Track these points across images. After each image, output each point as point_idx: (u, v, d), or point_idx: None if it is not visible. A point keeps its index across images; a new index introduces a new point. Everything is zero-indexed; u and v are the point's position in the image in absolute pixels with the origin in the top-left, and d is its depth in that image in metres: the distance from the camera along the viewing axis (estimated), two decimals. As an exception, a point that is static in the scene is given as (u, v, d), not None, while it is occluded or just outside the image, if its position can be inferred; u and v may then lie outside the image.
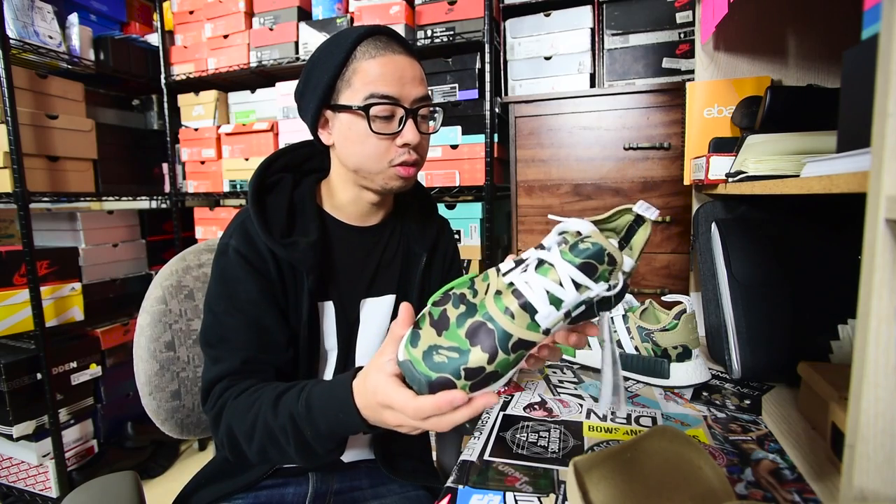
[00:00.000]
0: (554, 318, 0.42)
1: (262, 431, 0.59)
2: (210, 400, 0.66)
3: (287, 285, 0.70)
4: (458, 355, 0.42)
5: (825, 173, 0.47)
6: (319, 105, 0.69)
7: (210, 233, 1.99)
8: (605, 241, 0.42)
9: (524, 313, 0.42)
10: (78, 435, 1.71)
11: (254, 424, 0.60)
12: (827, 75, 0.92)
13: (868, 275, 0.32)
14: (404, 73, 0.67)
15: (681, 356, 0.75)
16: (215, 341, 0.68)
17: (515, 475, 0.52)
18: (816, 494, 0.48)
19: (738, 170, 0.69)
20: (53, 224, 1.82)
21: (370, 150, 0.68)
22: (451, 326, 0.44)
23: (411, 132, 0.67)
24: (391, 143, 0.68)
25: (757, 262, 0.78)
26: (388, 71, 0.66)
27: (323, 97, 0.68)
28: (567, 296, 0.42)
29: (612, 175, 1.38)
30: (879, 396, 0.32)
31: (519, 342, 0.42)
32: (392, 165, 0.68)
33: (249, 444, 0.61)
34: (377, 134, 0.66)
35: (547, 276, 0.42)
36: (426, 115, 0.72)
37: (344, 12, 1.74)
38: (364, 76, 0.66)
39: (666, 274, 1.35)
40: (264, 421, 0.59)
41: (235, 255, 0.68)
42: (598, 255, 0.41)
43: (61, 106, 1.72)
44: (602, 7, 1.48)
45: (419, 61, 0.71)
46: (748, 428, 0.61)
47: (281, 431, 0.58)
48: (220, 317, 0.68)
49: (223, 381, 0.66)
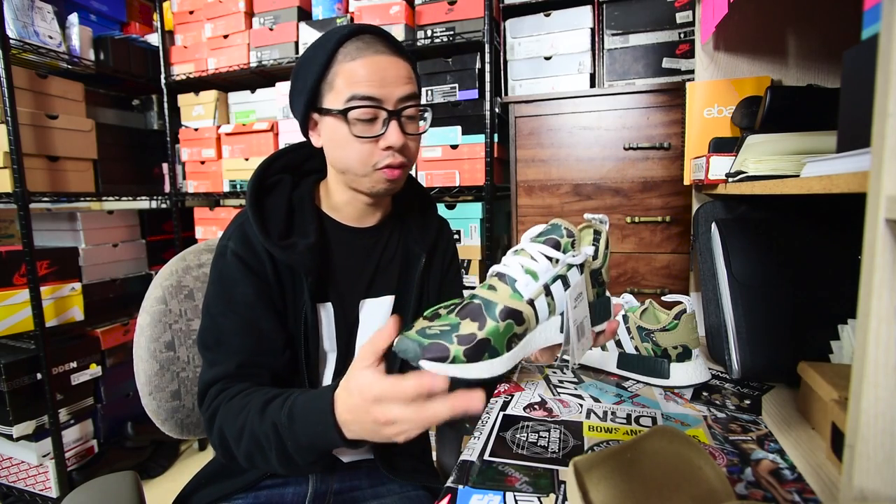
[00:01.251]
0: (533, 287, 0.48)
1: (249, 437, 0.58)
2: (205, 402, 0.66)
3: (285, 287, 0.70)
4: (450, 327, 0.44)
5: (825, 173, 0.47)
6: (306, 108, 0.69)
7: (210, 233, 1.99)
8: (560, 220, 0.52)
9: (504, 285, 0.48)
10: (78, 435, 1.71)
11: (242, 429, 0.59)
12: (827, 75, 0.92)
13: (868, 275, 0.32)
14: (387, 73, 0.65)
15: (681, 356, 0.75)
16: (212, 344, 0.68)
17: (515, 475, 0.52)
18: (816, 494, 0.48)
19: (738, 170, 0.69)
20: (53, 224, 1.82)
21: (354, 154, 0.67)
22: (443, 315, 0.48)
23: (395, 134, 0.66)
24: (374, 146, 0.66)
25: (757, 262, 0.78)
26: (370, 72, 0.64)
27: (309, 100, 0.68)
28: (540, 267, 0.49)
29: (612, 175, 1.38)
30: (879, 396, 0.32)
31: (505, 310, 0.46)
32: (377, 169, 0.67)
33: (238, 448, 0.61)
34: (359, 138, 0.65)
35: (520, 255, 0.50)
36: (413, 116, 0.70)
37: (344, 12, 1.74)
38: (346, 78, 0.65)
39: (666, 274, 1.35)
40: (251, 427, 0.58)
41: (233, 258, 0.68)
42: (556, 230, 0.51)
43: (61, 106, 1.72)
44: (602, 7, 1.48)
45: (407, 59, 0.69)
46: (748, 428, 0.61)
47: (265, 439, 0.57)
48: (216, 319, 0.68)
49: (218, 384, 0.66)
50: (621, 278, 1.39)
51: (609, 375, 0.80)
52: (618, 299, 0.82)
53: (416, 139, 0.71)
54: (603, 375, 0.80)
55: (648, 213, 1.36)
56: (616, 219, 1.39)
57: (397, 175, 0.69)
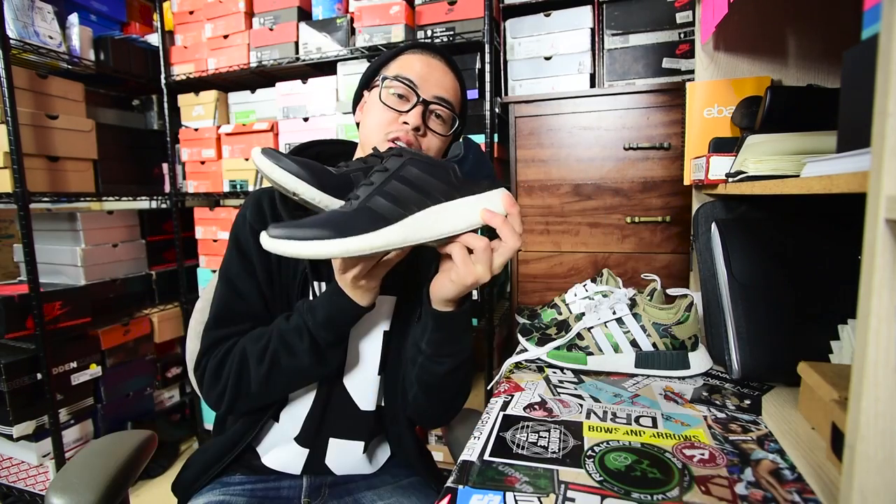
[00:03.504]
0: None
1: (277, 339, 0.67)
2: (213, 352, 0.72)
3: (282, 264, 0.75)
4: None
5: (825, 173, 0.47)
6: (361, 89, 0.80)
7: (210, 233, 1.99)
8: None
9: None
10: (78, 435, 1.71)
11: (269, 339, 0.68)
12: (827, 75, 0.92)
13: (868, 275, 0.32)
14: (434, 73, 0.74)
15: (693, 346, 0.79)
16: (227, 303, 0.74)
17: (515, 475, 0.52)
18: (816, 494, 0.48)
19: (738, 170, 0.69)
20: (53, 224, 1.82)
21: (375, 118, 0.73)
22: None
23: (415, 115, 0.72)
24: (394, 117, 0.72)
25: (757, 262, 0.78)
26: (422, 66, 0.74)
27: (365, 83, 0.79)
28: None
29: (612, 175, 1.38)
30: (879, 396, 0.32)
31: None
32: (387, 139, 0.72)
33: (260, 363, 0.67)
34: (384, 105, 0.72)
35: None
36: (442, 116, 0.76)
37: (344, 12, 1.74)
38: (400, 65, 0.75)
39: (666, 274, 1.35)
40: (278, 329, 0.68)
41: (248, 227, 0.74)
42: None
43: (61, 106, 1.72)
44: (602, 7, 1.48)
45: (460, 79, 0.78)
46: (748, 428, 0.61)
47: (294, 332, 0.66)
48: (234, 282, 0.73)
49: (232, 339, 0.72)
50: (622, 278, 1.38)
51: (619, 376, 0.80)
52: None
53: (437, 139, 0.76)
54: (603, 376, 0.80)
55: (648, 213, 1.36)
56: (616, 219, 1.39)
57: None
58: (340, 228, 0.51)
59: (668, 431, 0.60)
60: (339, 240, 0.50)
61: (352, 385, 0.77)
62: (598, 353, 0.79)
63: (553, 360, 0.82)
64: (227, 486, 0.76)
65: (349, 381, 0.77)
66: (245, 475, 0.78)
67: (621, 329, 0.79)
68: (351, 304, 0.64)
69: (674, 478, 0.50)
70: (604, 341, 0.79)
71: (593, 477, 0.51)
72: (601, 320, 0.79)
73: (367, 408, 0.78)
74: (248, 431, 0.75)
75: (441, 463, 0.93)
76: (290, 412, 0.77)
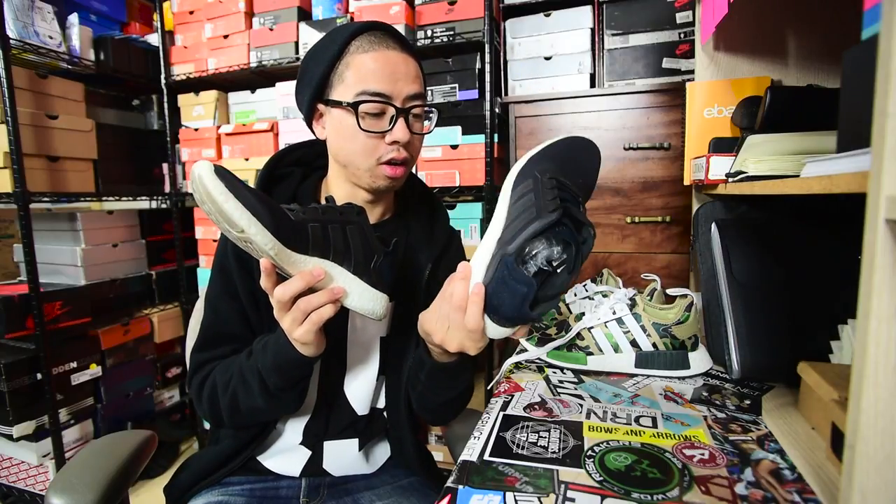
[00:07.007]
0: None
1: (237, 375, 0.66)
2: (197, 376, 0.72)
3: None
4: None
5: (825, 173, 0.47)
6: (313, 98, 0.69)
7: (210, 233, 1.99)
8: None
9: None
10: (78, 435, 1.71)
11: (231, 372, 0.67)
12: (827, 75, 0.92)
13: (868, 275, 0.32)
14: (397, 70, 0.66)
15: (693, 346, 0.79)
16: (209, 326, 0.73)
17: (515, 475, 0.52)
18: (816, 494, 0.48)
19: (738, 170, 0.69)
20: (53, 224, 1.82)
21: (359, 146, 0.67)
22: None
23: (401, 131, 0.66)
24: (380, 140, 0.67)
25: (757, 262, 0.78)
26: (381, 66, 0.66)
27: (316, 91, 0.69)
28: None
29: (612, 175, 1.38)
30: (879, 396, 0.32)
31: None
32: (380, 163, 0.68)
33: (224, 394, 0.67)
34: (366, 132, 0.66)
35: None
36: (419, 115, 0.71)
37: (344, 12, 1.74)
38: (357, 71, 0.66)
39: (666, 274, 1.35)
40: (238, 365, 0.66)
41: (231, 249, 0.71)
42: None
43: (61, 106, 1.72)
44: (602, 7, 1.48)
45: (416, 59, 0.70)
46: (748, 428, 0.61)
47: (249, 371, 0.64)
48: (215, 304, 0.72)
49: (214, 362, 0.72)
50: (622, 278, 1.38)
51: (619, 376, 0.80)
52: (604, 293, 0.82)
53: (420, 138, 0.72)
54: (603, 376, 0.80)
55: (648, 213, 1.36)
56: (616, 219, 1.39)
57: (399, 173, 0.70)
58: (276, 226, 0.52)
59: (668, 431, 0.60)
60: (263, 229, 0.51)
61: (351, 391, 0.78)
62: (598, 353, 0.79)
63: (553, 360, 0.82)
64: (227, 486, 0.76)
65: (349, 389, 0.77)
66: (244, 476, 0.78)
67: (621, 329, 0.79)
68: (295, 351, 0.59)
69: (674, 478, 0.50)
70: (604, 341, 0.79)
71: (593, 477, 0.51)
72: (601, 320, 0.79)
73: (363, 412, 0.78)
74: (250, 443, 0.75)
75: (441, 463, 0.93)
76: (292, 421, 0.77)
